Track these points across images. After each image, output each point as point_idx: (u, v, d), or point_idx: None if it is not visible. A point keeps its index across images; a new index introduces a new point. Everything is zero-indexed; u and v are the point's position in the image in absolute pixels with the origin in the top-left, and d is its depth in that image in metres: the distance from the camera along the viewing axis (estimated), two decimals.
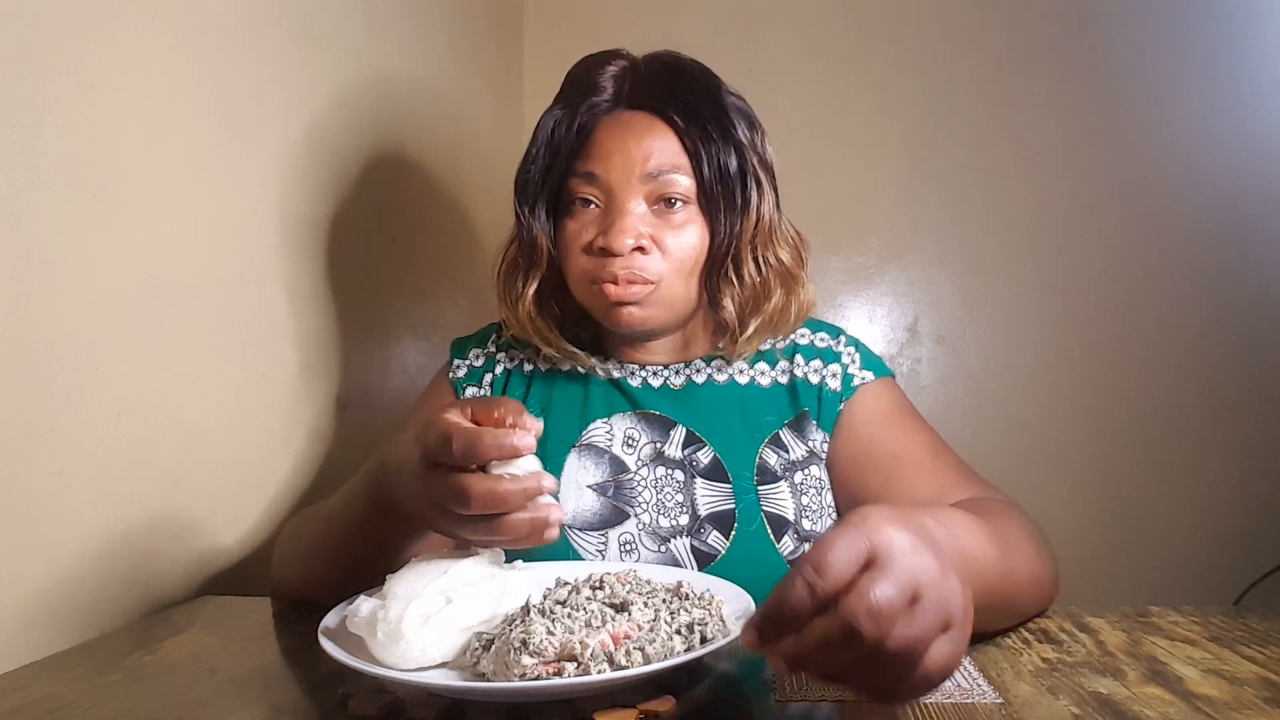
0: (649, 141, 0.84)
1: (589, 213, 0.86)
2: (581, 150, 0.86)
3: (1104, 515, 1.69)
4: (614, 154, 0.84)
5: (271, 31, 0.99)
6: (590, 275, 0.85)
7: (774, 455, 0.89)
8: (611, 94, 0.87)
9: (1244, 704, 0.53)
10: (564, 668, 0.51)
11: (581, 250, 0.86)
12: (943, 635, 0.45)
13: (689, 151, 0.85)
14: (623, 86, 0.87)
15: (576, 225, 0.86)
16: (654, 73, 0.88)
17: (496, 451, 0.55)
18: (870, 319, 1.79)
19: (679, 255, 0.85)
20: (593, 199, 0.85)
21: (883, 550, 0.45)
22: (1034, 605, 0.72)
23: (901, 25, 1.76)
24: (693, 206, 0.85)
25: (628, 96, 0.87)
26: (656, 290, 0.85)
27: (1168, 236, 1.68)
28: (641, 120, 0.85)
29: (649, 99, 0.86)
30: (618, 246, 0.82)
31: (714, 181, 0.85)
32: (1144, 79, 1.69)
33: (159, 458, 0.83)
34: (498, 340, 0.99)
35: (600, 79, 0.87)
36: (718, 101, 0.86)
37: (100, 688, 0.60)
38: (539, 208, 0.88)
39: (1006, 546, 0.62)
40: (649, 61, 0.89)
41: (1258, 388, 1.66)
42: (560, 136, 0.87)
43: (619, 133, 0.85)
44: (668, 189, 0.84)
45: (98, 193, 0.75)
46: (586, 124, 0.86)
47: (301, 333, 1.06)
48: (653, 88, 0.86)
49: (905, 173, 1.76)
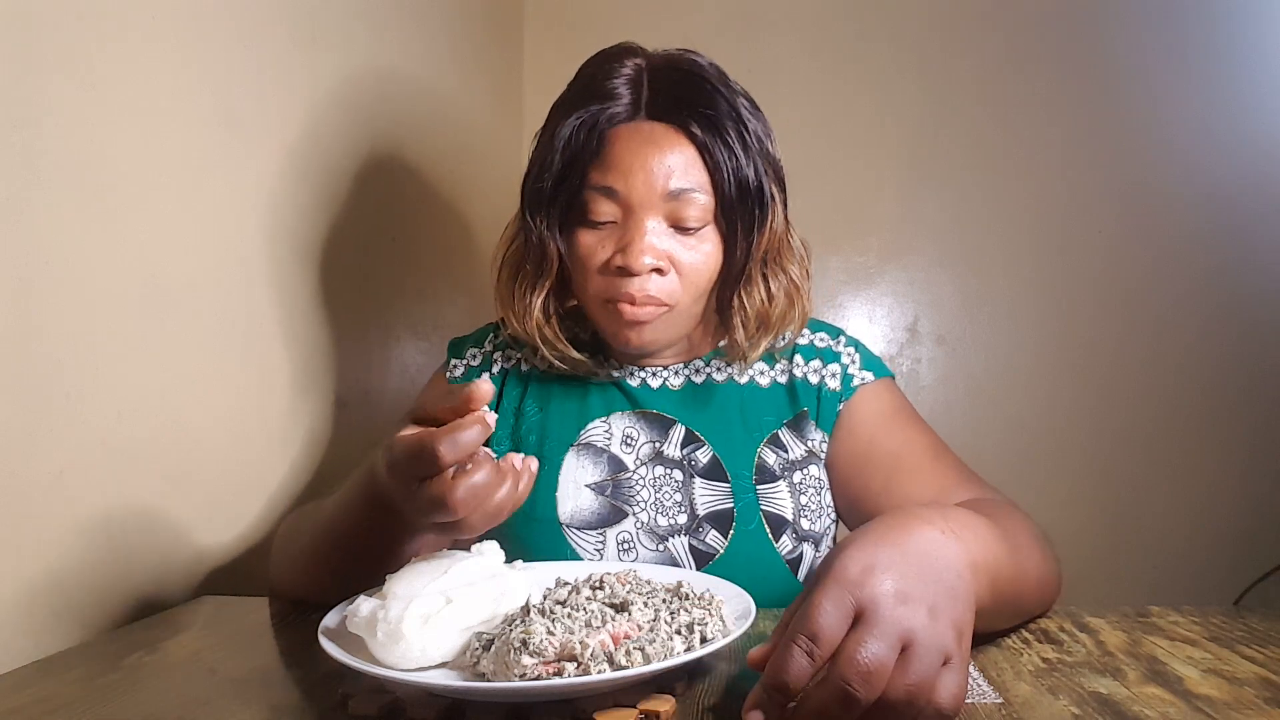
0: (671, 158, 0.80)
1: (605, 227, 0.83)
2: (598, 161, 0.82)
3: (1104, 515, 1.69)
4: (635, 170, 0.80)
5: (271, 32, 0.99)
6: (605, 294, 0.84)
7: (773, 455, 0.89)
8: (629, 102, 0.82)
9: (1244, 704, 0.53)
10: (564, 668, 0.51)
11: (597, 268, 0.84)
12: (943, 669, 0.46)
13: (709, 168, 0.81)
14: (640, 94, 0.83)
15: (592, 240, 0.83)
16: (674, 81, 0.83)
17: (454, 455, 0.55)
18: (870, 319, 1.79)
19: (694, 277, 0.83)
20: (609, 214, 0.82)
21: (868, 606, 0.46)
22: (1039, 605, 0.72)
23: (901, 25, 1.76)
24: (710, 225, 0.83)
25: (647, 106, 0.82)
26: (669, 315, 0.84)
27: (1167, 236, 1.68)
28: (662, 133, 0.81)
29: (669, 110, 0.82)
30: (636, 267, 0.80)
31: (734, 199, 0.82)
32: (1144, 79, 1.69)
33: (159, 458, 0.83)
34: (495, 340, 0.99)
35: (615, 84, 0.83)
36: (736, 110, 0.82)
37: (100, 688, 0.60)
38: (551, 217, 0.85)
39: (1015, 547, 0.62)
40: (666, 67, 0.85)
41: (1258, 387, 1.66)
42: (576, 145, 0.82)
43: (639, 146, 0.81)
44: (688, 208, 0.81)
45: (98, 193, 0.75)
46: (604, 133, 0.82)
47: (301, 333, 1.06)
48: (673, 98, 0.82)
49: (905, 173, 1.76)
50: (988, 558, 0.56)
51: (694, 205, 0.81)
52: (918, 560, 0.50)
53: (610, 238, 0.83)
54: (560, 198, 0.84)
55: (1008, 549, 0.60)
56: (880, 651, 0.45)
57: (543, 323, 0.89)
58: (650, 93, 0.83)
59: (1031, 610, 0.71)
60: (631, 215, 0.81)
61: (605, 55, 0.86)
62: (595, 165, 0.82)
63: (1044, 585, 0.70)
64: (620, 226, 0.82)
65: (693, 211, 0.81)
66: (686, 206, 0.81)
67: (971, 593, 0.51)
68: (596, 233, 0.83)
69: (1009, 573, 0.59)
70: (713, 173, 0.81)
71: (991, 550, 0.57)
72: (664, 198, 0.81)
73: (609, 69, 0.84)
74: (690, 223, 0.82)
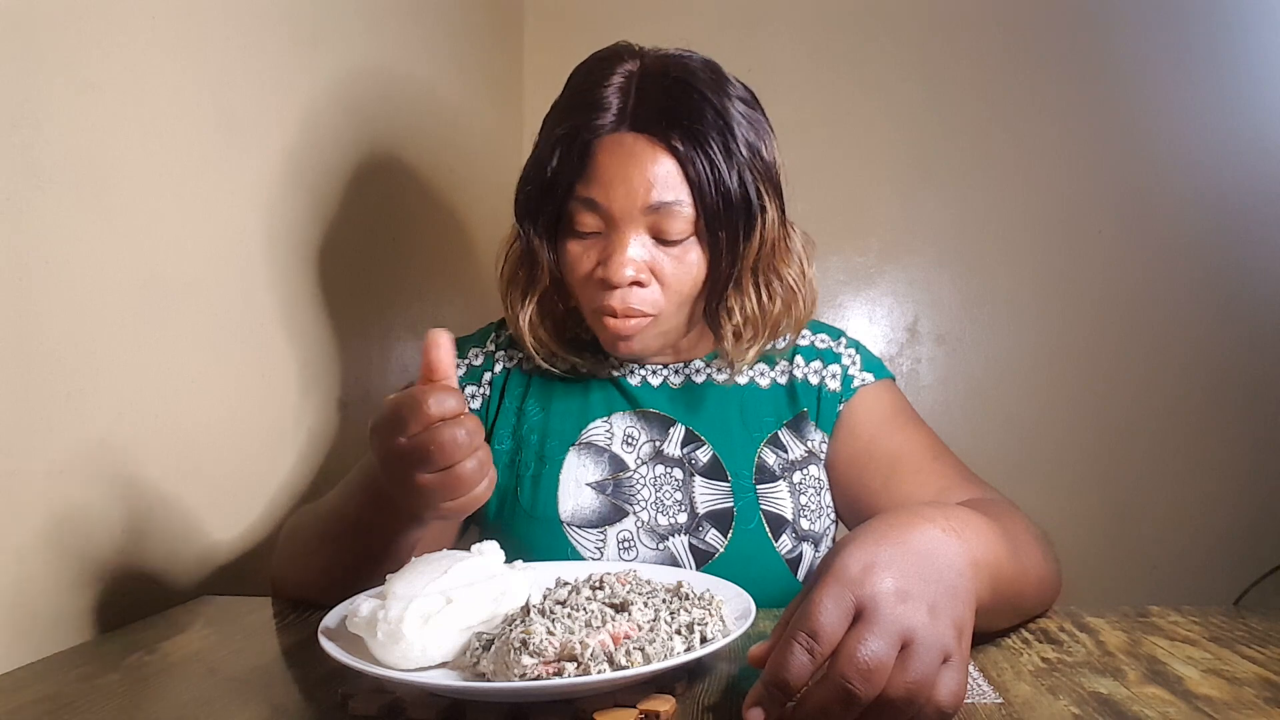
0: (651, 170, 0.80)
1: (590, 238, 0.83)
2: (583, 172, 0.82)
3: (1104, 515, 1.69)
4: (616, 182, 0.80)
5: (271, 32, 0.99)
6: (592, 304, 0.85)
7: (772, 455, 0.89)
8: (615, 112, 0.81)
9: (1244, 704, 0.53)
10: (564, 668, 0.51)
11: (582, 278, 0.84)
12: (943, 667, 0.46)
13: (690, 181, 0.80)
14: (627, 104, 0.81)
15: (578, 249, 0.84)
16: (662, 90, 0.81)
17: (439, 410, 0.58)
18: (870, 319, 1.79)
19: (677, 286, 0.83)
20: (593, 225, 0.82)
21: (868, 604, 0.47)
22: (1039, 604, 0.72)
23: (902, 25, 1.76)
24: (693, 236, 0.83)
25: (630, 117, 0.81)
26: (654, 323, 0.84)
27: (1167, 237, 1.68)
28: (644, 146, 0.80)
29: (652, 122, 0.80)
30: (616, 279, 0.80)
31: (717, 210, 0.81)
32: (1144, 79, 1.69)
33: (159, 457, 0.83)
34: (497, 339, 0.99)
35: (605, 93, 0.82)
36: (724, 118, 0.81)
37: (100, 688, 0.60)
38: (539, 225, 0.85)
39: (1015, 546, 0.62)
40: (657, 74, 0.83)
41: (1258, 387, 1.66)
42: (563, 156, 0.82)
43: (621, 159, 0.80)
44: (669, 221, 0.80)
45: (98, 193, 0.75)
46: (588, 144, 0.81)
47: (301, 333, 1.06)
48: (658, 109, 0.81)
49: (905, 173, 1.76)
50: (988, 556, 0.56)
51: (676, 218, 0.81)
52: (918, 558, 0.50)
53: (594, 248, 0.83)
54: (548, 207, 0.84)
55: (1008, 548, 0.60)
56: (880, 649, 0.45)
57: (536, 325, 0.90)
58: (636, 103, 0.81)
59: (1032, 610, 0.71)
60: (613, 228, 0.81)
61: (599, 59, 0.86)
62: (580, 177, 0.82)
63: (1044, 584, 0.70)
64: (604, 238, 0.83)
65: (675, 224, 0.81)
66: (668, 219, 0.80)
67: (972, 591, 0.51)
68: (583, 243, 0.84)
69: (1010, 572, 0.59)
70: (694, 187, 0.80)
71: (992, 549, 0.57)
72: (645, 210, 0.80)
73: (599, 76, 0.83)
74: (672, 235, 0.81)
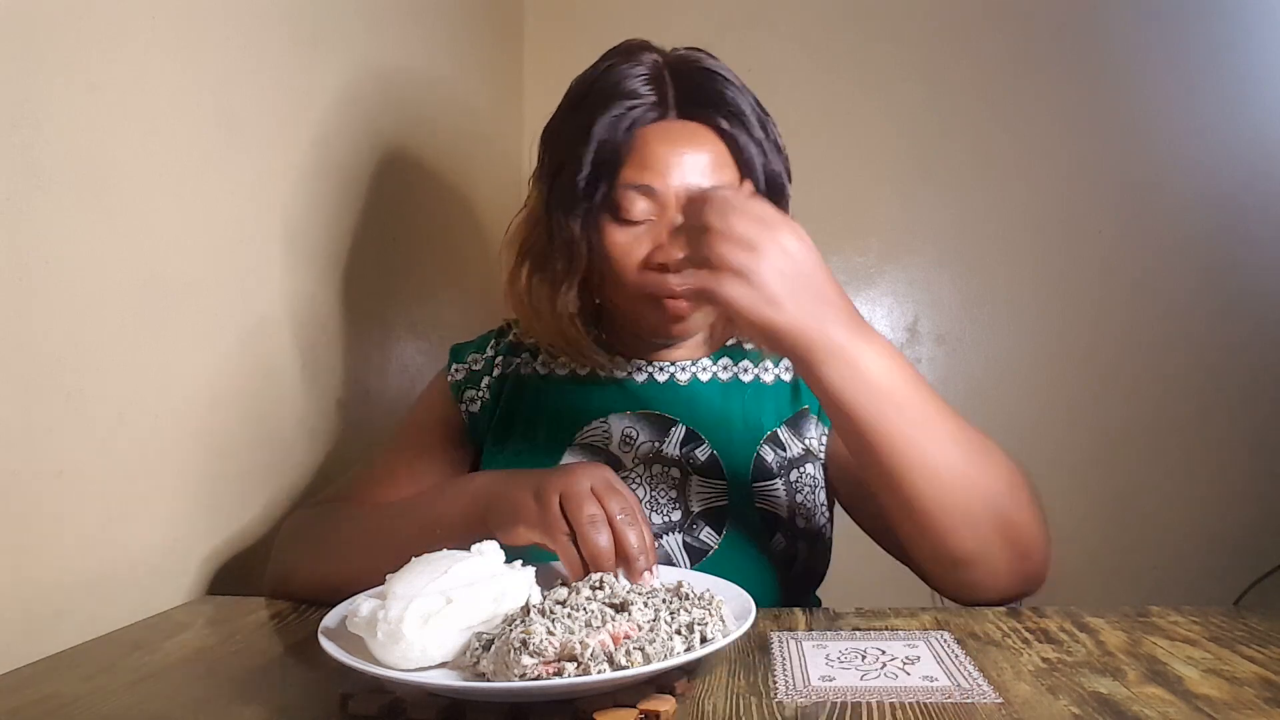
0: (704, 154, 0.83)
1: (640, 225, 0.84)
2: (631, 160, 0.83)
3: (1104, 515, 1.69)
4: (672, 167, 0.82)
5: (271, 32, 0.99)
6: (645, 289, 0.84)
7: (771, 453, 0.89)
8: (656, 100, 0.84)
9: (1244, 704, 0.53)
10: (564, 668, 0.51)
11: (636, 265, 0.84)
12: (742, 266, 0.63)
13: (739, 162, 0.84)
14: (665, 92, 0.84)
15: (626, 238, 0.84)
16: (698, 80, 0.85)
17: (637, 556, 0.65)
18: (870, 319, 1.76)
19: None
20: (644, 211, 0.83)
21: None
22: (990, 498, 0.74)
23: (902, 25, 1.76)
24: None
25: (675, 104, 0.84)
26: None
27: (1167, 236, 1.68)
28: (694, 131, 0.83)
29: (698, 108, 0.84)
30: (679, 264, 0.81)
31: (761, 190, 0.84)
32: (1144, 79, 1.69)
33: (159, 458, 0.83)
34: (497, 345, 0.99)
35: (636, 84, 0.84)
36: (756, 106, 0.85)
37: (100, 688, 0.60)
38: (580, 216, 0.85)
39: (959, 426, 0.74)
40: (684, 64, 0.86)
41: (1257, 387, 1.66)
42: (609, 145, 0.83)
43: (671, 144, 0.82)
44: None
45: (98, 193, 0.75)
46: (634, 132, 0.83)
47: (301, 333, 1.06)
48: (699, 96, 0.84)
49: (905, 173, 1.76)
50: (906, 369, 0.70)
51: None
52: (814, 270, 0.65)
53: (646, 235, 0.84)
54: (591, 197, 0.84)
55: (937, 405, 0.72)
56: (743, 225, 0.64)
57: (570, 321, 0.90)
58: (676, 91, 0.84)
59: (952, 498, 0.71)
60: (669, 212, 0.83)
61: (617, 53, 0.87)
62: (628, 164, 0.83)
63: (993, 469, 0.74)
64: (658, 224, 0.83)
65: None
66: None
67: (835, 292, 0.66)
68: (631, 230, 0.84)
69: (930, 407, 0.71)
70: (743, 167, 0.84)
71: (906, 370, 0.71)
72: None
73: (628, 68, 0.85)
74: None
